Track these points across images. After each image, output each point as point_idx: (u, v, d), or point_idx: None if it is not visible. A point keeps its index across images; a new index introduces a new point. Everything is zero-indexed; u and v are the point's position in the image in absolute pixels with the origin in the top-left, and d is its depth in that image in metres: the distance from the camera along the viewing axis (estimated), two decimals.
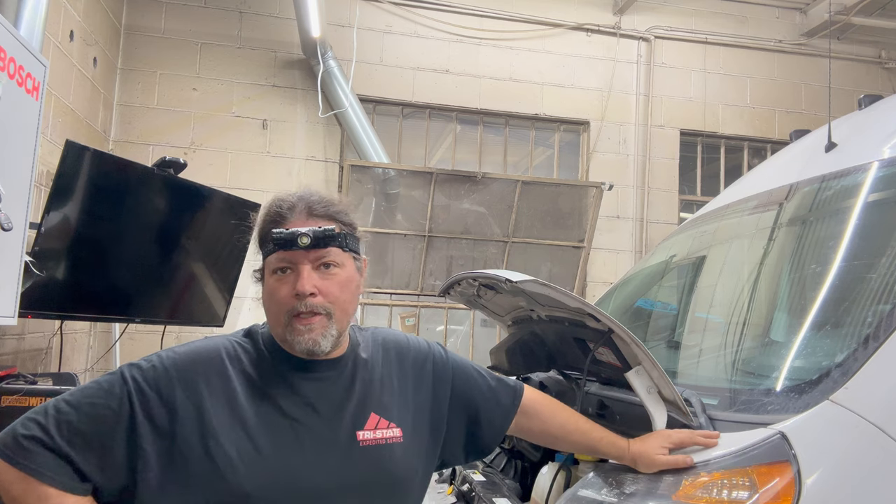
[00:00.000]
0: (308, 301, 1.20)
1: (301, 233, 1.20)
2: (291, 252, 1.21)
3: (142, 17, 4.87)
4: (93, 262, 3.30)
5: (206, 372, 1.22)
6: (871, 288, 1.63)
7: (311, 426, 1.22)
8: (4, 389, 2.63)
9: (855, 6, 5.46)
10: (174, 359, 1.23)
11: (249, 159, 4.94)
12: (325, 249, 1.22)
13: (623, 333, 1.60)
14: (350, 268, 1.27)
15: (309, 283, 1.20)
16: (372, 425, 1.26)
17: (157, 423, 1.15)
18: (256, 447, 1.17)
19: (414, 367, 1.41)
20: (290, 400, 1.23)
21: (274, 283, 1.23)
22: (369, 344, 1.39)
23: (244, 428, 1.18)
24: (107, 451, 1.12)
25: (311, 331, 1.21)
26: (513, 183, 5.04)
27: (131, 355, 4.58)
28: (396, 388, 1.35)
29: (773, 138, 5.79)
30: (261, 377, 1.25)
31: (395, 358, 1.39)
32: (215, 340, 1.32)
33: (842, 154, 2.13)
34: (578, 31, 5.58)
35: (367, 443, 1.24)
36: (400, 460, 1.28)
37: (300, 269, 1.21)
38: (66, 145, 3.04)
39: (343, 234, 1.26)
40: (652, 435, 1.50)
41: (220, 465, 1.14)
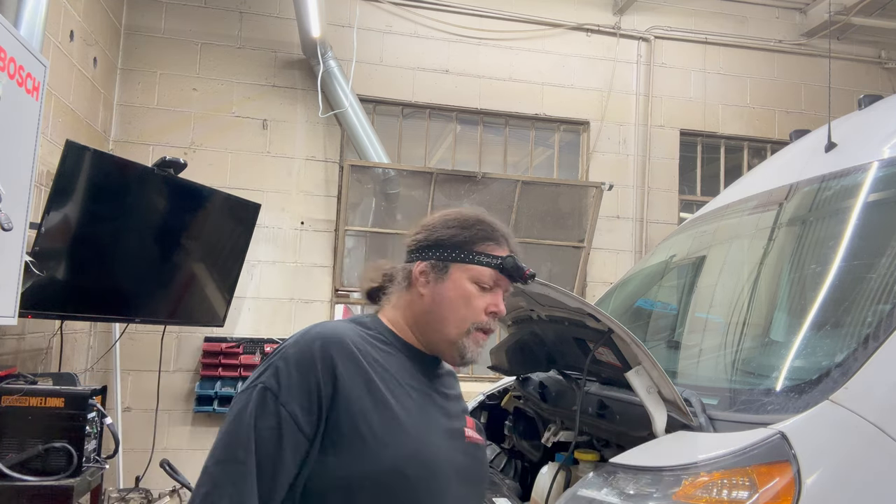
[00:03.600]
0: (494, 320, 1.36)
1: (529, 273, 1.36)
2: (502, 278, 1.35)
3: (142, 17, 4.87)
4: (93, 262, 3.30)
5: (345, 347, 1.23)
6: (871, 288, 1.63)
7: (434, 412, 1.32)
8: (4, 389, 2.63)
9: (855, 6, 5.45)
10: (311, 340, 1.22)
11: (249, 159, 4.94)
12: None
13: (623, 333, 1.61)
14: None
15: (503, 306, 1.36)
16: (471, 425, 1.39)
17: (310, 406, 1.17)
18: (400, 425, 1.21)
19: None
20: (416, 387, 1.31)
21: (475, 291, 1.34)
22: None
23: (386, 407, 1.21)
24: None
25: (482, 347, 1.36)
26: (513, 183, 5.03)
27: (131, 355, 4.58)
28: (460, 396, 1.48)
29: (773, 138, 5.79)
30: (395, 362, 1.31)
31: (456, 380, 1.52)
32: (333, 324, 1.30)
33: (842, 154, 2.13)
34: (578, 31, 5.58)
35: (471, 440, 1.35)
36: (485, 460, 1.43)
37: (498, 291, 1.36)
38: (66, 145, 3.04)
39: None
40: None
41: (369, 441, 1.16)
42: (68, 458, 2.62)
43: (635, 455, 1.55)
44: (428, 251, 1.36)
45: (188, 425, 4.71)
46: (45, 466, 2.61)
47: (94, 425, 2.81)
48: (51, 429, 2.63)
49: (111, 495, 3.88)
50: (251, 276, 4.82)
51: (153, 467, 4.12)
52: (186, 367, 4.74)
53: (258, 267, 4.87)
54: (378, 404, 1.20)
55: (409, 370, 1.32)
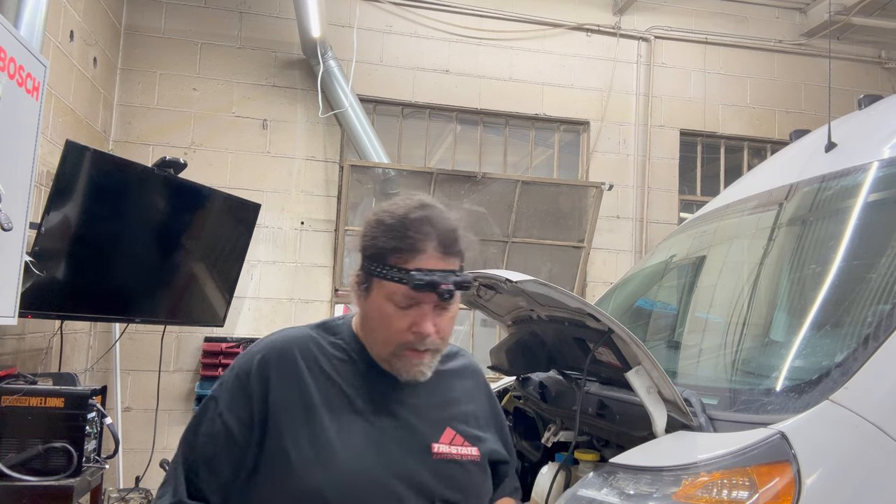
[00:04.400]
0: (427, 341, 1.20)
1: (441, 287, 1.15)
2: (427, 294, 1.17)
3: (142, 17, 4.87)
4: (93, 262, 3.30)
5: (286, 358, 1.24)
6: (871, 288, 1.63)
7: (386, 427, 1.22)
8: (4, 389, 2.63)
9: (855, 6, 5.45)
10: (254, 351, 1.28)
11: (249, 159, 4.94)
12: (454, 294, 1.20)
13: (623, 333, 1.61)
14: (457, 298, 1.24)
15: (432, 326, 1.19)
16: (448, 439, 1.26)
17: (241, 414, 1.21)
18: (330, 443, 1.17)
19: (490, 401, 1.43)
20: (367, 400, 1.23)
21: (392, 311, 1.19)
22: (452, 359, 1.39)
23: (318, 424, 1.19)
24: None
25: (420, 365, 1.22)
26: (513, 183, 5.03)
27: (131, 355, 4.58)
28: (477, 410, 1.36)
29: (773, 138, 5.79)
30: (338, 374, 1.25)
31: (480, 384, 1.42)
32: (288, 332, 1.32)
33: (842, 154, 2.13)
34: (578, 31, 5.58)
35: (440, 456, 1.24)
36: (474, 479, 1.27)
37: (424, 309, 1.19)
38: (66, 145, 3.04)
39: (462, 268, 1.23)
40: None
41: (292, 458, 1.16)
42: (68, 458, 2.62)
43: (635, 455, 1.55)
44: (361, 258, 1.25)
45: None
46: (45, 466, 2.60)
47: (94, 425, 2.81)
48: (51, 429, 2.63)
49: (111, 495, 3.88)
50: (251, 276, 4.82)
51: (153, 467, 4.12)
52: (186, 367, 4.74)
53: (258, 267, 4.87)
54: (311, 422, 1.18)
55: (365, 381, 1.25)
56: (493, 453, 1.35)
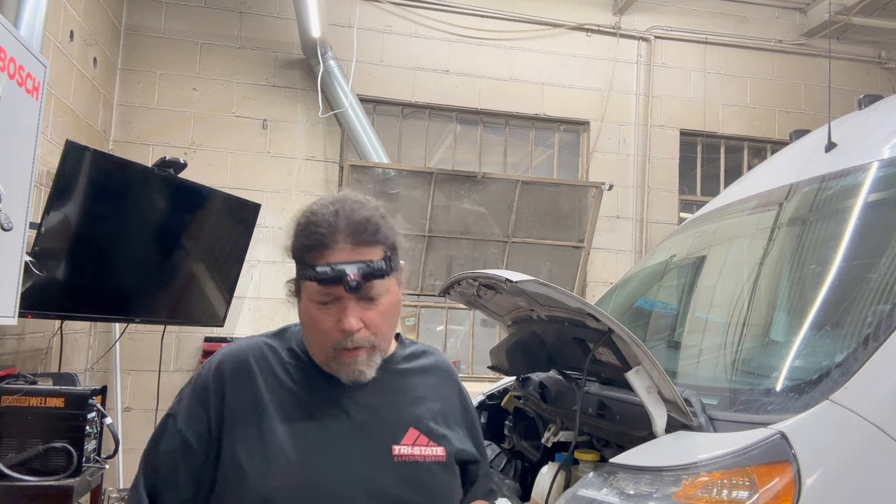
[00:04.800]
0: (354, 337, 1.15)
1: (348, 277, 1.12)
2: (336, 287, 1.14)
3: (142, 17, 4.87)
4: (93, 262, 3.30)
5: (241, 369, 1.22)
6: (871, 288, 1.63)
7: (343, 434, 1.18)
8: (4, 389, 2.63)
9: (855, 6, 5.45)
10: (211, 364, 1.25)
11: (249, 159, 4.94)
12: (370, 283, 1.15)
13: (623, 333, 1.60)
14: (393, 289, 1.21)
15: (355, 320, 1.15)
16: (410, 440, 1.21)
17: (207, 416, 1.20)
18: (281, 450, 1.15)
19: (461, 399, 1.37)
20: (321, 404, 1.20)
21: (315, 311, 1.17)
22: (417, 357, 1.35)
23: (274, 433, 1.16)
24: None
25: (355, 363, 1.17)
26: (513, 183, 5.03)
27: (131, 355, 4.59)
28: (444, 408, 1.30)
29: (773, 138, 5.79)
30: (292, 380, 1.22)
31: (448, 381, 1.36)
32: (244, 342, 1.29)
33: (842, 154, 2.13)
34: (578, 31, 5.58)
35: (402, 458, 1.19)
36: (439, 481, 1.21)
37: (345, 304, 1.15)
38: (66, 145, 3.04)
39: (387, 258, 1.17)
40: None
41: (244, 467, 1.14)
42: (68, 458, 2.62)
43: (635, 455, 1.55)
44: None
45: None
46: (45, 466, 2.60)
47: (94, 425, 2.81)
48: (51, 429, 2.63)
49: (111, 495, 3.88)
50: (251, 276, 4.82)
51: None
52: (186, 367, 4.74)
53: (258, 267, 4.87)
54: (263, 430, 1.16)
55: (319, 385, 1.21)
56: (460, 453, 1.27)
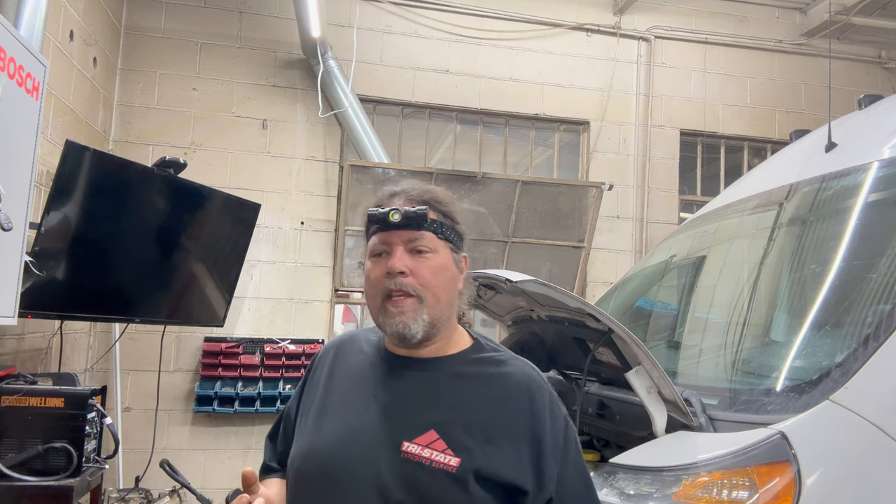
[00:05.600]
0: (398, 279, 1.20)
1: (393, 209, 1.22)
2: (387, 233, 1.23)
3: (142, 17, 4.87)
4: (93, 262, 3.30)
5: (326, 355, 1.40)
6: (871, 288, 1.63)
7: (363, 417, 1.23)
8: (4, 389, 2.63)
9: (855, 6, 5.45)
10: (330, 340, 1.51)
11: (249, 159, 4.94)
12: (419, 232, 1.23)
13: (623, 333, 1.61)
14: (445, 256, 1.26)
15: (400, 261, 1.21)
16: (424, 441, 1.17)
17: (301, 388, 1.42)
18: (315, 421, 1.28)
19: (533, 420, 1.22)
20: (364, 387, 1.27)
21: (370, 265, 1.25)
22: (487, 364, 1.28)
23: (320, 405, 1.30)
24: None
25: (402, 313, 1.21)
26: (513, 183, 5.03)
27: (131, 355, 4.58)
28: (488, 421, 1.20)
29: (773, 138, 5.78)
30: (357, 364, 1.33)
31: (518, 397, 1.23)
32: (343, 333, 1.47)
33: (842, 154, 2.13)
34: (578, 31, 5.57)
35: (408, 455, 1.16)
36: (441, 491, 1.14)
37: (394, 249, 1.22)
38: (66, 145, 3.04)
39: (438, 221, 1.26)
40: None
41: (296, 427, 1.33)
42: (68, 458, 2.62)
43: (635, 455, 1.55)
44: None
45: (188, 425, 4.71)
46: (45, 466, 2.60)
47: (93, 425, 2.81)
48: (51, 429, 2.63)
49: (111, 495, 3.88)
50: (251, 276, 4.82)
51: (153, 467, 4.12)
52: (186, 367, 4.74)
53: (258, 267, 4.87)
54: (315, 404, 1.31)
55: (371, 373, 1.28)
56: (491, 473, 1.15)
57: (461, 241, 1.32)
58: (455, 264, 1.29)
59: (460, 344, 1.30)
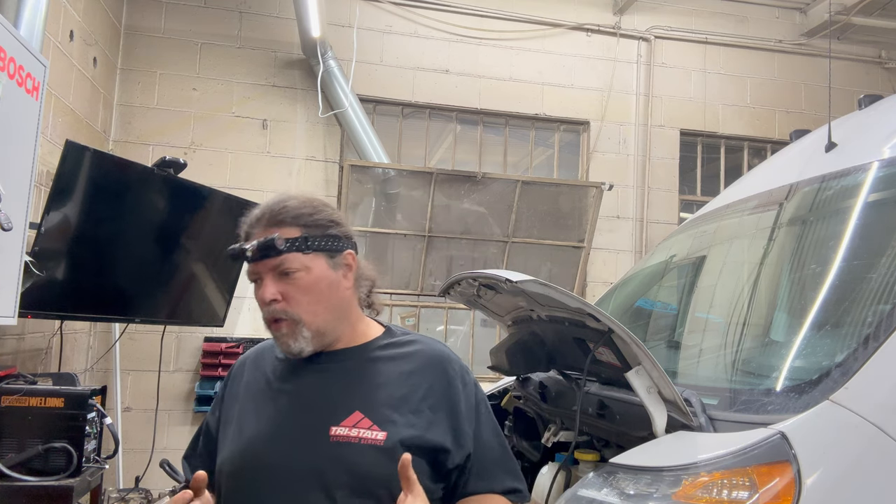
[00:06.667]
0: (271, 307, 1.26)
1: (242, 248, 1.27)
2: (253, 264, 1.27)
3: (142, 17, 4.87)
4: (93, 262, 3.30)
5: (241, 367, 1.43)
6: (871, 288, 1.63)
7: (287, 412, 1.28)
8: (4, 389, 2.63)
9: (855, 6, 5.45)
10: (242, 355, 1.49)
11: (249, 159, 4.94)
12: (279, 258, 1.25)
13: (623, 333, 1.60)
14: (317, 267, 1.28)
15: (269, 291, 1.25)
16: (351, 422, 1.23)
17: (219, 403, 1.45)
18: (239, 426, 1.31)
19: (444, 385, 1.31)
20: (282, 386, 1.32)
21: (254, 289, 1.31)
22: (399, 346, 1.35)
23: (240, 412, 1.33)
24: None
25: (281, 335, 1.27)
26: (513, 183, 5.03)
27: (131, 355, 4.58)
28: (407, 395, 1.27)
29: (773, 138, 5.79)
30: (274, 367, 1.36)
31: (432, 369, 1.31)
32: (258, 345, 1.49)
33: (842, 154, 2.13)
34: (578, 31, 5.58)
35: (337, 438, 1.21)
36: (372, 465, 1.20)
37: (264, 278, 1.27)
38: (66, 145, 3.04)
39: (300, 237, 1.27)
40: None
41: (220, 439, 1.35)
42: (68, 458, 2.62)
43: (635, 455, 1.55)
44: None
45: (188, 425, 4.71)
46: (45, 466, 2.60)
47: (94, 425, 2.81)
48: (51, 429, 2.63)
49: (111, 495, 3.88)
50: None
51: (153, 467, 4.12)
52: (186, 367, 4.74)
53: None
54: (235, 412, 1.35)
55: (289, 373, 1.33)
56: (414, 439, 1.22)
57: (337, 241, 1.31)
58: (334, 269, 1.30)
59: (369, 334, 1.37)
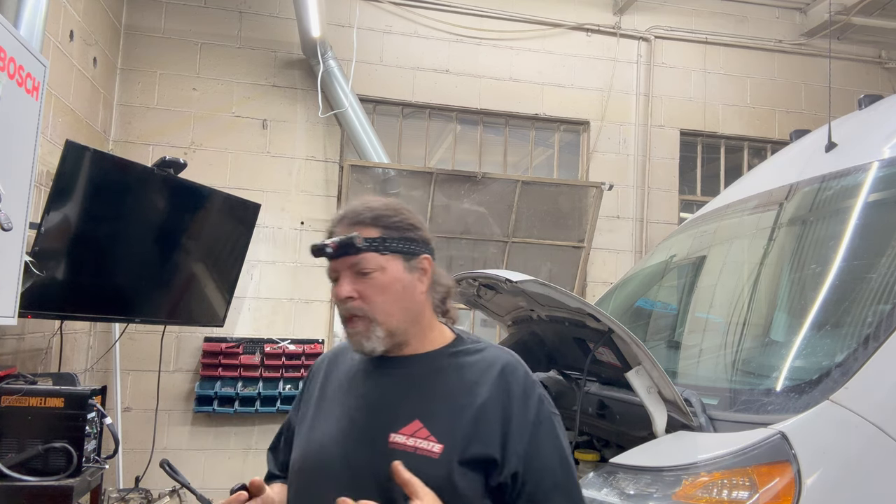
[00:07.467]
0: (347, 305, 1.28)
1: (323, 244, 1.29)
2: (332, 262, 1.30)
3: (142, 17, 4.87)
4: (93, 262, 3.30)
5: (320, 366, 1.48)
6: (871, 288, 1.63)
7: (352, 415, 1.30)
8: (4, 389, 2.63)
9: (855, 6, 5.45)
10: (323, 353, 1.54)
11: (249, 159, 4.94)
12: (357, 257, 1.27)
13: (623, 333, 1.61)
14: (393, 269, 1.29)
15: (344, 288, 1.28)
16: (409, 431, 1.24)
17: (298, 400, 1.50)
18: (311, 425, 1.36)
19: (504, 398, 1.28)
20: (351, 388, 1.35)
21: (332, 287, 1.33)
22: (467, 355, 1.33)
23: (315, 412, 1.37)
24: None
25: (355, 333, 1.29)
26: (513, 183, 5.03)
27: (131, 355, 4.58)
28: (465, 406, 1.25)
29: (773, 138, 5.78)
30: (347, 368, 1.39)
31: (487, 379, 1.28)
32: (336, 345, 1.54)
33: (842, 154, 2.13)
34: (578, 31, 5.57)
35: (395, 446, 1.22)
36: (424, 476, 1.17)
37: (342, 275, 1.29)
38: (66, 145, 3.04)
39: (380, 238, 1.29)
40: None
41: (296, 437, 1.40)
42: (68, 458, 2.62)
43: (635, 455, 1.55)
44: None
45: (188, 425, 4.71)
46: (45, 466, 2.60)
47: (93, 425, 2.81)
48: (51, 429, 2.63)
49: (111, 495, 3.88)
50: (251, 276, 4.82)
51: (153, 467, 4.12)
52: (186, 367, 4.74)
53: (258, 267, 4.87)
54: (311, 410, 1.40)
55: (360, 375, 1.35)
56: (467, 452, 1.21)
57: (415, 244, 1.33)
58: (409, 272, 1.31)
59: (439, 341, 1.36)
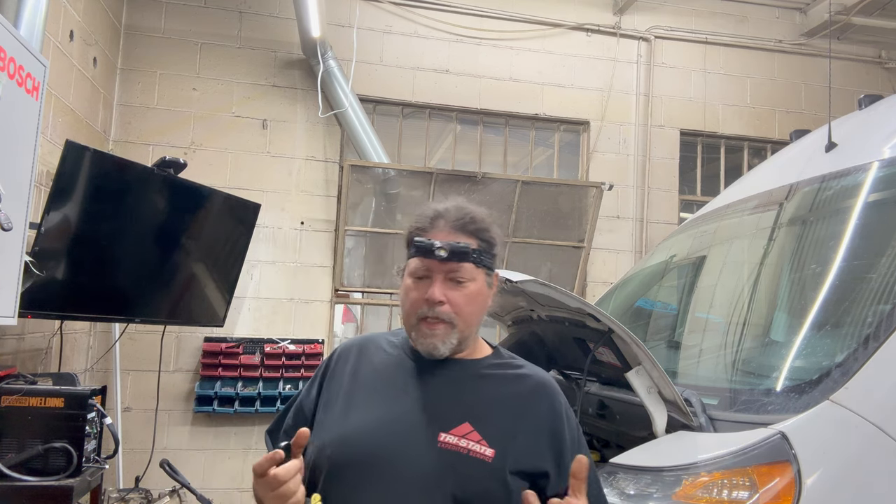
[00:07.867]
0: (436, 308, 1.29)
1: (439, 246, 1.28)
2: (429, 261, 1.30)
3: (142, 17, 4.87)
4: (93, 262, 3.30)
5: (348, 351, 1.44)
6: (871, 288, 1.63)
7: (398, 409, 1.29)
8: (4, 389, 2.63)
9: (855, 6, 5.45)
10: (333, 350, 1.51)
11: (249, 159, 4.94)
12: (459, 264, 1.30)
13: (623, 333, 1.61)
14: (480, 282, 1.33)
15: (440, 291, 1.29)
16: (460, 432, 1.26)
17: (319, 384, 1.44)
18: (345, 410, 1.33)
19: (549, 414, 1.34)
20: (395, 383, 1.34)
21: (411, 284, 1.33)
22: (508, 368, 1.39)
23: (347, 398, 1.34)
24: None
25: (433, 335, 1.30)
26: (513, 183, 5.03)
27: (131, 355, 4.58)
28: (515, 417, 1.30)
29: (773, 138, 5.78)
30: (382, 363, 1.38)
31: (530, 393, 1.35)
32: (361, 335, 1.54)
33: (842, 154, 2.13)
34: (578, 31, 5.57)
35: (446, 445, 1.24)
36: (477, 477, 1.22)
37: (434, 277, 1.30)
38: (66, 145, 3.04)
39: (479, 250, 1.32)
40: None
41: (320, 422, 1.36)
42: (68, 458, 2.62)
43: (635, 455, 1.56)
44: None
45: (188, 425, 4.71)
46: (45, 466, 2.60)
47: (93, 425, 2.81)
48: (51, 429, 2.63)
49: (111, 495, 3.88)
50: (251, 276, 4.82)
51: (153, 467, 4.12)
52: (186, 367, 4.74)
53: (258, 267, 4.87)
54: (341, 396, 1.36)
55: (400, 371, 1.35)
56: (520, 463, 1.25)
57: (495, 260, 1.38)
58: (488, 286, 1.36)
59: (482, 350, 1.41)
